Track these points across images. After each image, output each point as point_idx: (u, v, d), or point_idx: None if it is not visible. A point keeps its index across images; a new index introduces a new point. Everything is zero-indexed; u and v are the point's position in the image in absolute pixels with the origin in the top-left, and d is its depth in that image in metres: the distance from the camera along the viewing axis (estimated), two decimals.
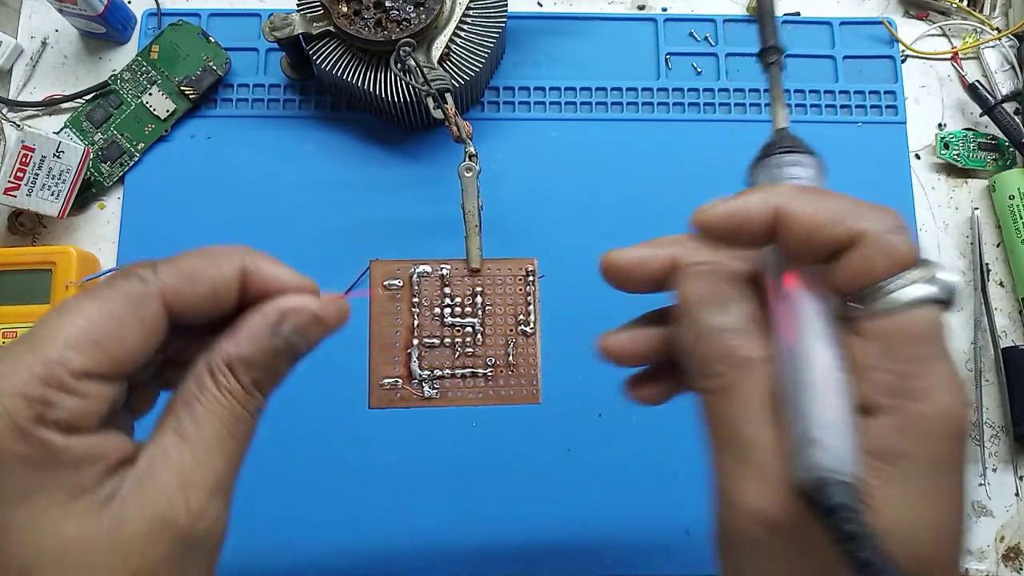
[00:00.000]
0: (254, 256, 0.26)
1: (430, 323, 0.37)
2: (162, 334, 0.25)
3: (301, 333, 0.26)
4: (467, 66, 0.50)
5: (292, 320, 0.26)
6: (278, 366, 0.26)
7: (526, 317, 0.37)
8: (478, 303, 0.38)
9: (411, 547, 0.48)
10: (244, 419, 0.25)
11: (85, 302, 0.24)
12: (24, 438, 0.21)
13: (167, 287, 0.24)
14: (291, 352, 0.26)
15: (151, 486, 0.23)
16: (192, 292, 0.25)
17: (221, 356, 0.25)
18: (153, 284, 0.24)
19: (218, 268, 0.25)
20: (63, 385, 0.22)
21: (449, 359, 0.38)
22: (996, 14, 0.59)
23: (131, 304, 0.24)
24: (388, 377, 0.35)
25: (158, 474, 0.23)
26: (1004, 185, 0.54)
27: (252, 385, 0.26)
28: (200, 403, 0.24)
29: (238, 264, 0.26)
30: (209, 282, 0.25)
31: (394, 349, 0.37)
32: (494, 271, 0.38)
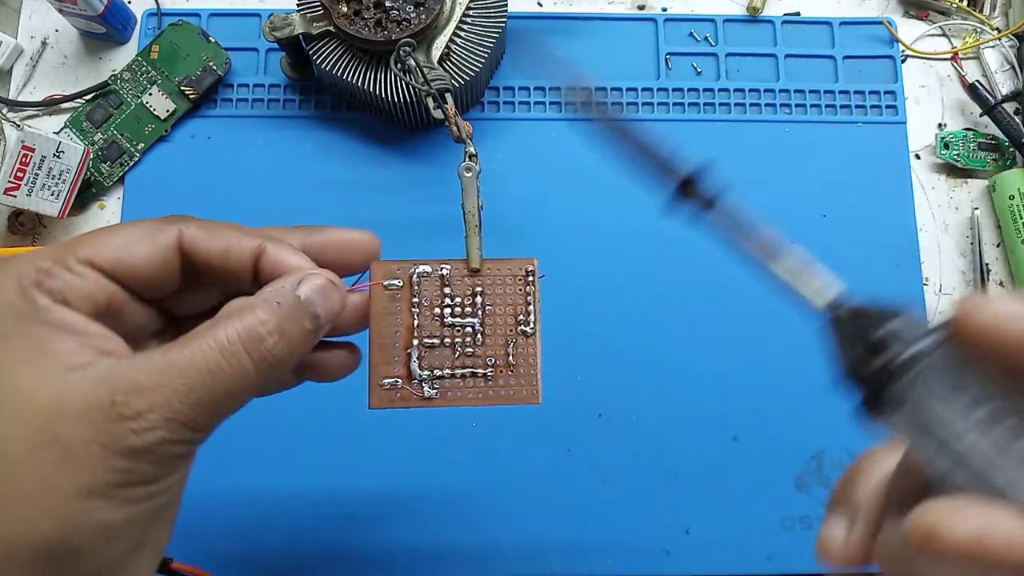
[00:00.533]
0: (275, 241, 0.30)
1: (430, 323, 0.37)
2: (170, 265, 0.28)
3: (320, 293, 0.28)
4: (467, 66, 0.50)
5: (311, 282, 0.28)
6: (295, 327, 0.27)
7: (526, 317, 0.37)
8: (478, 303, 0.38)
9: (411, 547, 0.48)
10: (235, 375, 0.26)
11: (117, 224, 0.28)
12: (21, 293, 0.25)
13: (186, 231, 0.28)
14: (311, 315, 0.28)
15: (111, 375, 0.24)
16: (206, 244, 0.29)
17: (244, 301, 0.27)
18: (174, 224, 0.28)
19: (238, 237, 0.29)
20: (66, 264, 0.26)
21: (449, 359, 0.38)
22: (996, 14, 0.59)
23: (148, 230, 0.28)
24: (388, 377, 0.35)
25: (123, 369, 0.24)
26: (1004, 185, 0.54)
27: (262, 344, 0.26)
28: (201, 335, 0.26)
29: (257, 241, 0.29)
30: (225, 243, 0.29)
31: (394, 349, 0.37)
32: (494, 271, 0.38)
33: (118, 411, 0.24)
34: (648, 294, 0.52)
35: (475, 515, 0.49)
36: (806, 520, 0.49)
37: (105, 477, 0.23)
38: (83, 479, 0.23)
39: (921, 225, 0.55)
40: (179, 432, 0.25)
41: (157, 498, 0.25)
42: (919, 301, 0.53)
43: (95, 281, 0.26)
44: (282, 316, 0.27)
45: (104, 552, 0.24)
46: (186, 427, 0.25)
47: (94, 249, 0.27)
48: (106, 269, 0.27)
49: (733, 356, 0.52)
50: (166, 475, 0.25)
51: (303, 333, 0.28)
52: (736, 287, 0.53)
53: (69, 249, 0.26)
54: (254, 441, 0.49)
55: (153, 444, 0.24)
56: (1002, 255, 0.55)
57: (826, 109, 0.56)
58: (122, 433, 0.24)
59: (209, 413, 0.25)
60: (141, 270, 0.27)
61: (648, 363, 0.51)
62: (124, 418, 0.24)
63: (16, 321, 0.25)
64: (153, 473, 0.25)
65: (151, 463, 0.24)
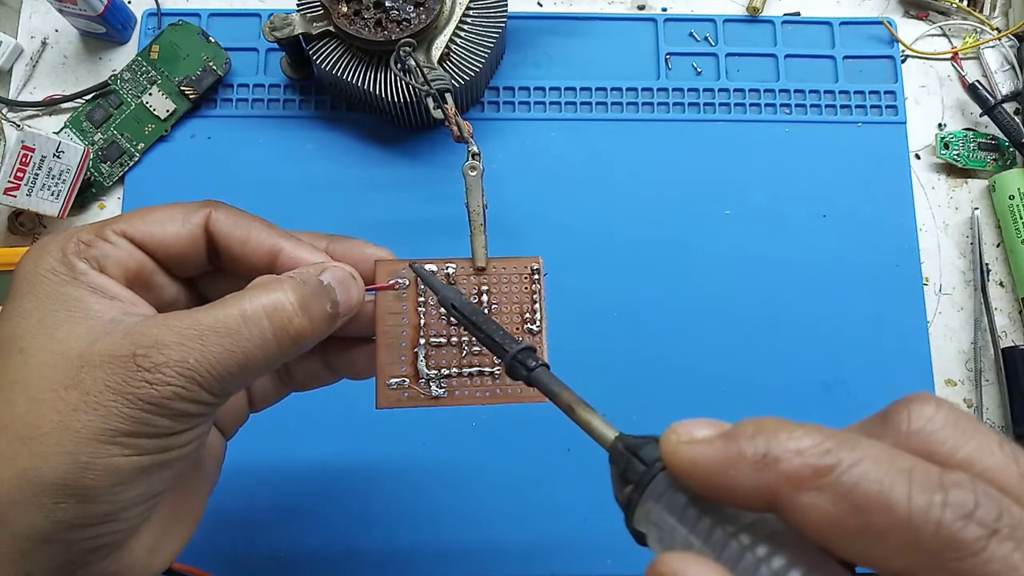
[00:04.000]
0: (295, 241, 0.33)
1: (436, 322, 0.37)
2: (198, 243, 0.31)
3: (340, 282, 0.31)
4: (467, 66, 0.50)
5: (333, 271, 0.31)
6: (317, 306, 0.30)
7: (532, 315, 0.37)
8: (484, 301, 0.38)
9: (412, 546, 0.48)
10: (254, 342, 0.27)
11: (155, 205, 0.31)
12: (63, 260, 0.28)
13: (215, 214, 0.31)
14: (332, 300, 0.30)
15: (136, 330, 0.26)
16: (229, 230, 0.32)
17: (274, 277, 0.30)
18: (206, 207, 0.31)
19: (259, 230, 0.33)
20: (104, 236, 0.29)
21: (456, 358, 0.38)
22: (996, 14, 0.59)
23: (182, 210, 0.31)
24: (395, 377, 0.35)
25: (148, 326, 0.27)
26: (1004, 185, 0.54)
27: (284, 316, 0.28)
28: (225, 302, 0.28)
29: (276, 240, 0.33)
30: (246, 233, 0.32)
31: (401, 349, 0.37)
32: (499, 269, 0.38)
33: (137, 363, 0.26)
34: (649, 293, 0.52)
35: (475, 515, 0.49)
36: None
37: (119, 424, 0.25)
38: (98, 423, 0.25)
39: (921, 225, 0.55)
40: (192, 390, 0.26)
41: (168, 452, 0.27)
42: (919, 301, 0.53)
43: (128, 250, 0.29)
44: (305, 294, 0.29)
45: (115, 497, 0.26)
46: (200, 387, 0.26)
47: (129, 223, 0.30)
48: (137, 240, 0.30)
49: (733, 355, 0.52)
50: (179, 431, 0.27)
51: (323, 314, 0.30)
52: (736, 287, 0.53)
53: (108, 223, 0.30)
54: (254, 442, 0.49)
55: (166, 397, 0.26)
56: (1002, 255, 0.55)
57: (826, 109, 0.56)
58: (138, 383, 0.25)
59: (223, 377, 0.27)
60: (171, 245, 0.30)
61: (648, 362, 0.51)
62: (141, 369, 0.25)
63: (59, 284, 0.27)
64: (166, 426, 0.26)
65: (164, 416, 0.26)
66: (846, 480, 0.18)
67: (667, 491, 0.22)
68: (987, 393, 0.53)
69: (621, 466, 0.24)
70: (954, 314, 0.54)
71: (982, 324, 0.54)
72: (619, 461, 0.24)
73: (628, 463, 0.23)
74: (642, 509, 0.23)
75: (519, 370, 0.29)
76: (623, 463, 0.24)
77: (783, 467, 0.19)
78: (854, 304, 0.53)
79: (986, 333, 0.54)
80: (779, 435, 0.19)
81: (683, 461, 0.21)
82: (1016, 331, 0.54)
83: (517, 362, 0.29)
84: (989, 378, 0.53)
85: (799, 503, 0.18)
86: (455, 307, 0.32)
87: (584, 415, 0.27)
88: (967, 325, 0.54)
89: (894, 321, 0.53)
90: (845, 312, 0.53)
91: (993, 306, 0.54)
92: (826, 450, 0.19)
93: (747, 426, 0.20)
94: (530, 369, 0.29)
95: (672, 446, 0.21)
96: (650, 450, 0.23)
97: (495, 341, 0.30)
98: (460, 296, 0.33)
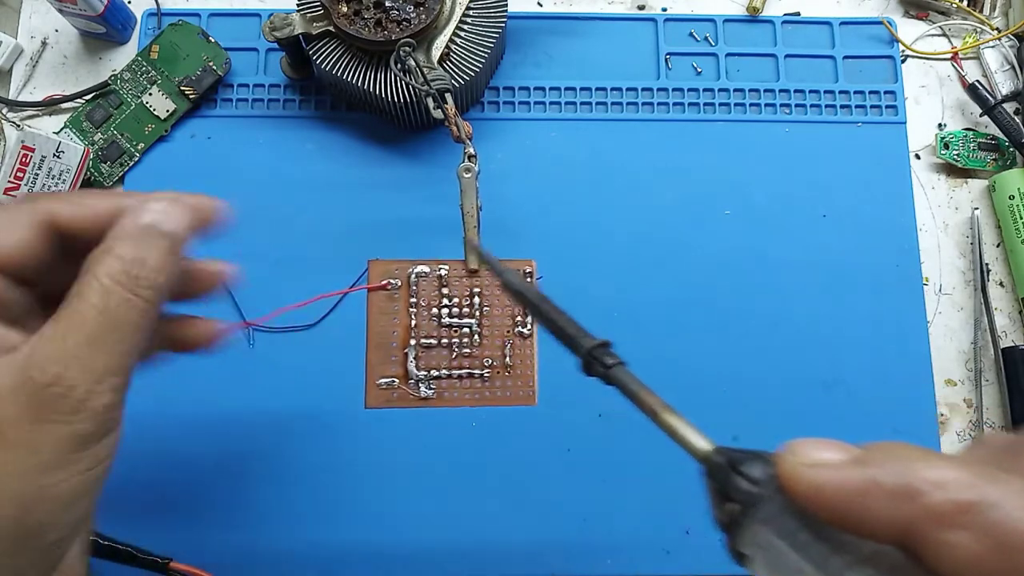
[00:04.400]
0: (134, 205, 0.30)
1: (427, 323, 0.37)
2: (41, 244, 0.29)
3: (161, 213, 0.29)
4: (467, 66, 0.50)
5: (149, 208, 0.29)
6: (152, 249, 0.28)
7: (523, 319, 0.37)
8: (476, 304, 0.38)
9: (409, 547, 0.48)
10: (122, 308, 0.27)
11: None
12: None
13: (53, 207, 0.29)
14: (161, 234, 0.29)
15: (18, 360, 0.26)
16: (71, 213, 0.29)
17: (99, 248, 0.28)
18: (37, 203, 0.29)
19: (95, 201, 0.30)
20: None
21: (446, 359, 0.38)
22: (996, 14, 0.59)
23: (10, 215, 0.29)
24: (385, 377, 0.35)
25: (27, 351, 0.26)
26: (1004, 185, 0.54)
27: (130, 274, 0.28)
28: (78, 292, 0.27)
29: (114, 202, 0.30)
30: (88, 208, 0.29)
31: (391, 349, 0.37)
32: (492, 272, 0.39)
33: (36, 384, 0.25)
34: (648, 294, 0.52)
35: (475, 515, 0.49)
36: None
37: (49, 451, 0.25)
38: (30, 459, 0.25)
39: (921, 225, 0.55)
40: (100, 380, 0.26)
41: (106, 459, 0.27)
42: (919, 301, 0.53)
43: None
44: (135, 244, 0.28)
45: (65, 522, 0.26)
46: (105, 373, 0.26)
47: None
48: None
49: (733, 356, 0.52)
50: (106, 431, 0.27)
51: (162, 251, 0.29)
52: (736, 287, 0.53)
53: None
54: (252, 442, 0.49)
55: (81, 401, 0.25)
56: (1002, 255, 0.55)
57: (826, 109, 0.56)
58: (49, 400, 0.25)
59: (118, 353, 0.27)
60: (14, 256, 0.28)
61: (647, 363, 0.51)
62: (45, 386, 0.25)
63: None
64: (93, 431, 0.26)
65: (88, 421, 0.26)
66: (993, 518, 0.17)
67: (779, 514, 0.21)
68: (987, 393, 0.53)
69: (721, 482, 0.22)
70: (954, 314, 0.54)
71: (982, 324, 0.54)
72: (719, 476, 0.23)
73: (729, 480, 0.22)
74: (749, 531, 0.22)
75: (595, 367, 0.28)
76: (723, 479, 0.22)
77: (925, 501, 0.18)
78: (854, 304, 0.53)
79: (986, 333, 0.54)
80: (917, 465, 0.19)
81: (806, 485, 0.20)
82: (1016, 331, 0.54)
83: (593, 358, 0.28)
84: (989, 378, 0.53)
85: (940, 540, 0.18)
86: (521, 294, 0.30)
87: (672, 421, 0.25)
88: (967, 325, 0.54)
89: (894, 321, 0.53)
90: (845, 312, 0.53)
91: (993, 306, 0.54)
92: (970, 484, 0.18)
93: (878, 452, 0.19)
94: (607, 367, 0.28)
95: (792, 468, 0.20)
96: (757, 468, 0.22)
97: (568, 335, 0.29)
98: (527, 284, 0.31)
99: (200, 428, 0.49)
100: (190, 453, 0.48)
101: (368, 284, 0.37)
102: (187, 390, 0.49)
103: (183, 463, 0.48)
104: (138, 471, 0.47)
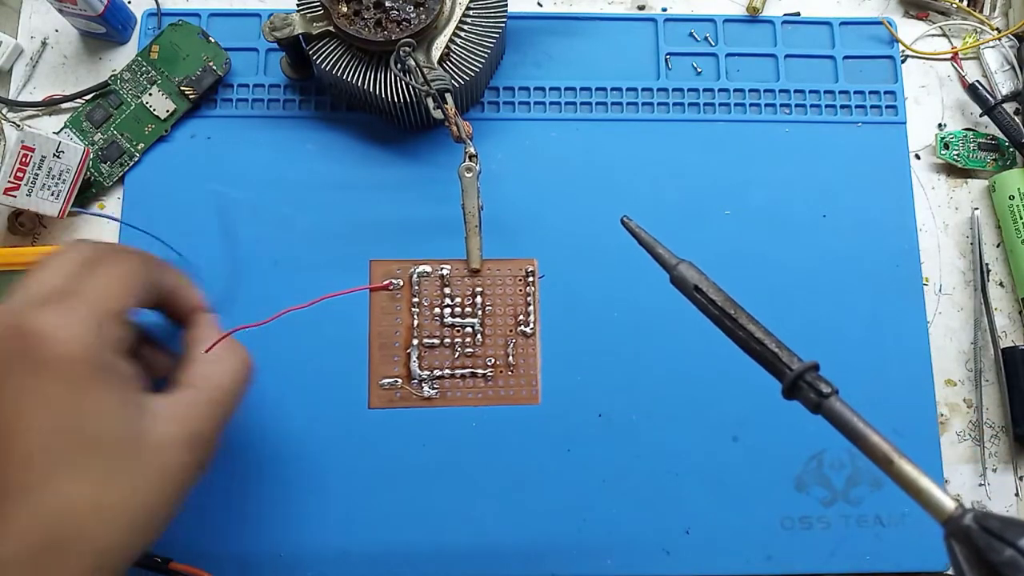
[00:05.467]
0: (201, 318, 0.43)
1: (430, 323, 0.37)
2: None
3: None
4: (467, 66, 0.50)
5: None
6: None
7: (526, 318, 0.37)
8: (478, 303, 0.38)
9: (410, 547, 0.48)
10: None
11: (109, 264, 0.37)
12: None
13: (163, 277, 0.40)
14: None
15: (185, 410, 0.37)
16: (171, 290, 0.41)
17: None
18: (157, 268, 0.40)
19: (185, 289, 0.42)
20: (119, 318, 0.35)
21: (449, 359, 0.38)
22: (996, 14, 0.59)
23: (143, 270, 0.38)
24: (388, 377, 0.35)
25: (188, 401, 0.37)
26: (1004, 185, 0.54)
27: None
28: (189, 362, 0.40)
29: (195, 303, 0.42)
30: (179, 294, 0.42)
31: (394, 349, 0.37)
32: (494, 271, 0.38)
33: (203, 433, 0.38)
34: (648, 294, 0.52)
35: (475, 515, 0.49)
36: (806, 520, 0.49)
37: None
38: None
39: (921, 225, 0.55)
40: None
41: None
42: (919, 301, 0.53)
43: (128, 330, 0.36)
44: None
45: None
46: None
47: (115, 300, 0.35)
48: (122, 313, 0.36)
49: (733, 356, 0.52)
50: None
51: None
52: (736, 287, 0.52)
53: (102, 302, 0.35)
54: (253, 443, 0.49)
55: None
56: (1002, 255, 0.55)
57: (826, 109, 0.56)
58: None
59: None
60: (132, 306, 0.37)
61: (648, 363, 0.51)
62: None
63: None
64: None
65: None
66: None
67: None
68: (987, 393, 0.53)
69: (980, 550, 0.21)
70: (954, 314, 0.54)
71: (982, 324, 0.54)
72: (977, 544, 0.21)
73: (994, 549, 0.20)
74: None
75: (806, 394, 0.24)
76: (983, 547, 0.20)
77: None
78: (854, 304, 0.53)
79: (986, 333, 0.54)
80: None
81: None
82: (1016, 331, 0.54)
83: (805, 383, 0.23)
84: (989, 378, 0.53)
85: None
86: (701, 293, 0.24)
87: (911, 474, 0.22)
88: (967, 325, 0.54)
89: (894, 321, 0.53)
90: (845, 312, 0.53)
91: (993, 306, 0.54)
92: None
93: None
94: (823, 395, 0.24)
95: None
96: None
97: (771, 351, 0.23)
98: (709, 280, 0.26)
99: None
100: None
101: (370, 284, 0.36)
102: None
103: None
104: None
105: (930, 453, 0.51)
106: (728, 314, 0.24)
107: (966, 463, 0.52)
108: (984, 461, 0.52)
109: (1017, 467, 0.52)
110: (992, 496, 0.52)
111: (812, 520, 0.49)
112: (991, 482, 0.52)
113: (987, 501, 0.51)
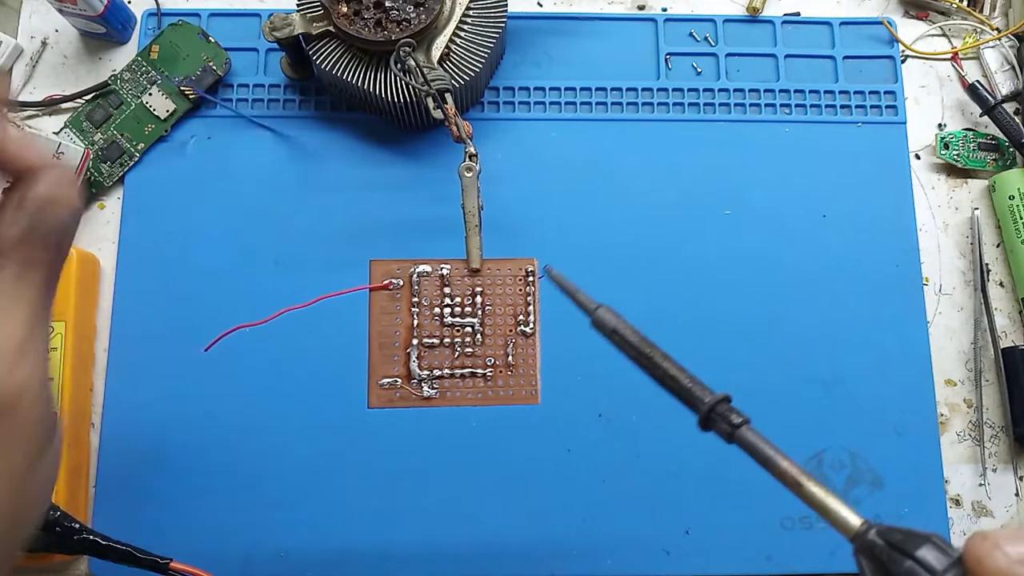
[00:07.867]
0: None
1: (430, 323, 0.37)
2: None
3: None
4: (467, 66, 0.50)
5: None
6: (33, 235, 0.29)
7: (526, 317, 0.37)
8: (478, 303, 0.38)
9: (410, 547, 0.48)
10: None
11: None
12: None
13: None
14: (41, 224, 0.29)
15: None
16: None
17: None
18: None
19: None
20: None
21: (448, 359, 0.38)
22: (996, 14, 0.59)
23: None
24: (387, 377, 0.35)
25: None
26: (1004, 185, 0.54)
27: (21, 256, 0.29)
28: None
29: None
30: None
31: (393, 349, 0.37)
32: (494, 271, 0.38)
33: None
34: (647, 294, 0.52)
35: (475, 515, 0.49)
36: (806, 520, 0.49)
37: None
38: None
39: (921, 225, 0.55)
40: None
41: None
42: (919, 301, 0.53)
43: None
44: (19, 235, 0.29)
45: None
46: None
47: None
48: None
49: (733, 355, 0.52)
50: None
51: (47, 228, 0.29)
52: (736, 287, 0.53)
53: None
54: (254, 442, 0.49)
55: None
56: (1002, 255, 0.55)
57: (826, 109, 0.56)
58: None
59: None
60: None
61: None
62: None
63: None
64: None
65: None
66: None
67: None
68: (987, 393, 0.53)
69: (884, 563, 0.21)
70: (954, 314, 0.54)
71: (982, 324, 0.54)
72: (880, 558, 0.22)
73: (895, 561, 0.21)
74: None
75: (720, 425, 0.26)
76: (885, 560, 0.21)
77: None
78: (854, 304, 0.53)
79: (986, 333, 0.54)
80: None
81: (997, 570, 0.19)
82: (1016, 331, 0.54)
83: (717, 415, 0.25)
84: (989, 378, 0.53)
85: None
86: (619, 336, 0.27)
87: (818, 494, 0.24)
88: (967, 325, 0.54)
89: (894, 321, 0.53)
90: (845, 312, 0.53)
91: (993, 306, 0.54)
92: None
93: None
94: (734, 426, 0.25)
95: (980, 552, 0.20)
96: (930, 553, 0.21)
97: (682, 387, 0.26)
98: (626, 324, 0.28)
99: (201, 428, 0.49)
100: (191, 453, 0.48)
101: (370, 284, 0.36)
102: (189, 391, 0.49)
103: (184, 463, 0.48)
104: (138, 471, 0.47)
105: (930, 453, 0.51)
106: (644, 354, 0.27)
107: (966, 463, 0.52)
108: (984, 461, 0.52)
109: (1017, 467, 0.52)
110: (992, 496, 0.52)
111: (812, 520, 0.49)
112: (991, 482, 0.52)
113: (987, 501, 0.51)
